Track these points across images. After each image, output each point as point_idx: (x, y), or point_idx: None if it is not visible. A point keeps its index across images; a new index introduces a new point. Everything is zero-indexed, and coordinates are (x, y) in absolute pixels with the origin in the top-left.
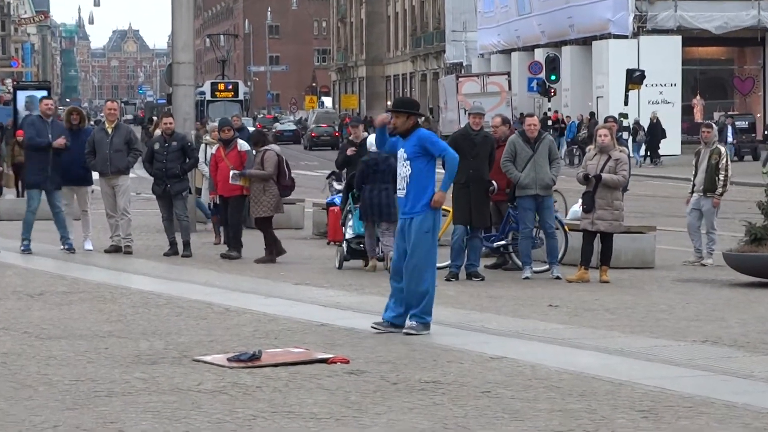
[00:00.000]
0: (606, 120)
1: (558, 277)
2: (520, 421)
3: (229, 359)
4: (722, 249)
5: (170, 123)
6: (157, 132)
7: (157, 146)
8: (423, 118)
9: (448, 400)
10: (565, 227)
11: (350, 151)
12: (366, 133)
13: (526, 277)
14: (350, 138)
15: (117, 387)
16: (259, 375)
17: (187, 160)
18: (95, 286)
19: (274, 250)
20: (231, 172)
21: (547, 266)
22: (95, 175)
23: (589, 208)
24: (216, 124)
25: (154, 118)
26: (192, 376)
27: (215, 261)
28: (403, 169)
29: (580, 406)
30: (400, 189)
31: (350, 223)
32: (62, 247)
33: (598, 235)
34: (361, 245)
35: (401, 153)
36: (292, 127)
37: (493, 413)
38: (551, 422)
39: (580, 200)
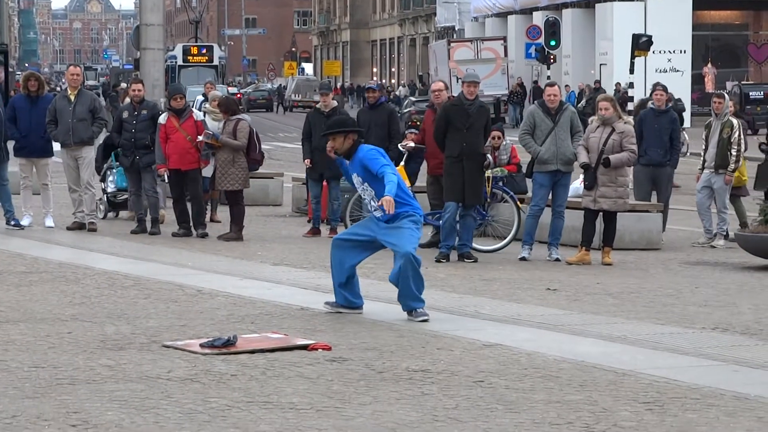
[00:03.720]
0: (655, 87)
1: (557, 260)
2: (515, 413)
3: (201, 345)
4: (734, 229)
5: (139, 90)
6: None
7: (125, 115)
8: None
9: (437, 389)
10: (517, 202)
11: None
12: (335, 102)
13: (523, 258)
14: (318, 106)
15: (81, 374)
16: (234, 362)
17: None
18: (57, 266)
19: (241, 227)
20: (204, 131)
21: (501, 244)
22: (56, 146)
23: (591, 185)
24: (218, 92)
25: (123, 84)
26: (161, 363)
27: (186, 239)
28: (367, 192)
29: (580, 397)
30: (374, 210)
31: (110, 178)
32: (10, 223)
33: (601, 214)
34: (119, 198)
35: (356, 178)
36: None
37: (486, 404)
38: (548, 414)
39: (581, 176)
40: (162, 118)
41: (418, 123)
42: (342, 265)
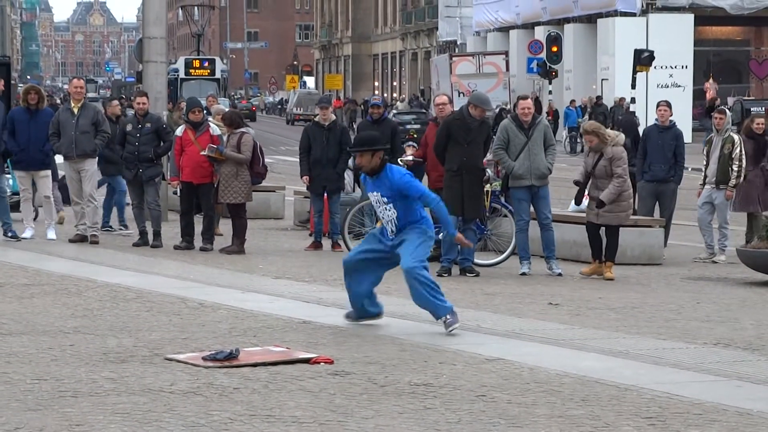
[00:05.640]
0: (659, 105)
1: (560, 274)
2: (517, 428)
3: (204, 358)
4: (736, 245)
5: (143, 103)
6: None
7: (129, 127)
8: (385, 150)
9: (440, 404)
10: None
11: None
12: (334, 116)
13: (523, 273)
14: (316, 119)
15: (83, 387)
16: (236, 375)
17: (162, 143)
18: (59, 278)
19: (243, 240)
20: (208, 145)
21: (499, 258)
22: (57, 158)
23: (579, 202)
24: (221, 106)
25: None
26: (164, 375)
27: (188, 252)
28: (387, 213)
29: (582, 412)
30: (389, 232)
31: (9, 182)
32: (7, 235)
33: (603, 227)
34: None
35: (376, 196)
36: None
37: (488, 419)
38: (551, 429)
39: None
40: (179, 131)
41: (415, 135)
42: (359, 294)
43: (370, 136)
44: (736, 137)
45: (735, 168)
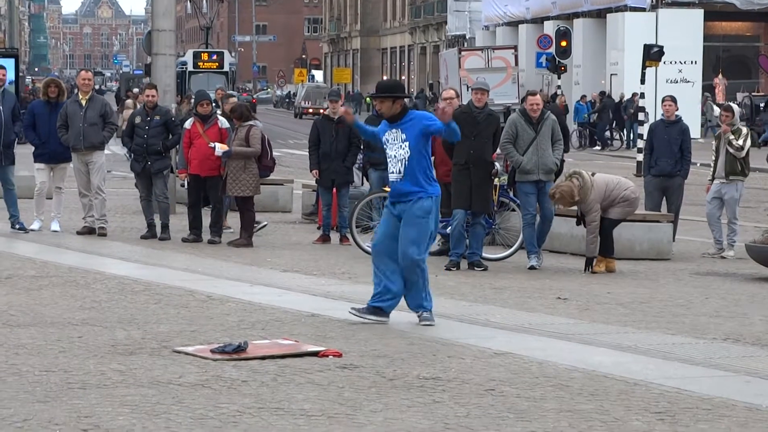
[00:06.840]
0: (664, 100)
1: (532, 267)
2: (526, 422)
3: (212, 351)
4: (745, 240)
5: (153, 95)
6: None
7: (138, 120)
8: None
9: (448, 397)
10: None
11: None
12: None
13: (532, 267)
14: (326, 112)
15: (91, 379)
16: (244, 368)
17: (170, 136)
18: (67, 270)
19: (251, 233)
20: (219, 147)
21: (507, 252)
22: None
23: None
24: (236, 99)
25: (135, 90)
26: (172, 368)
27: (196, 245)
28: (400, 151)
29: (591, 406)
30: (395, 173)
31: None
32: (15, 227)
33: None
34: None
35: (396, 134)
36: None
37: (497, 413)
38: (560, 423)
39: None
40: (187, 123)
41: None
42: (394, 269)
43: (390, 83)
44: (744, 130)
45: (740, 142)
